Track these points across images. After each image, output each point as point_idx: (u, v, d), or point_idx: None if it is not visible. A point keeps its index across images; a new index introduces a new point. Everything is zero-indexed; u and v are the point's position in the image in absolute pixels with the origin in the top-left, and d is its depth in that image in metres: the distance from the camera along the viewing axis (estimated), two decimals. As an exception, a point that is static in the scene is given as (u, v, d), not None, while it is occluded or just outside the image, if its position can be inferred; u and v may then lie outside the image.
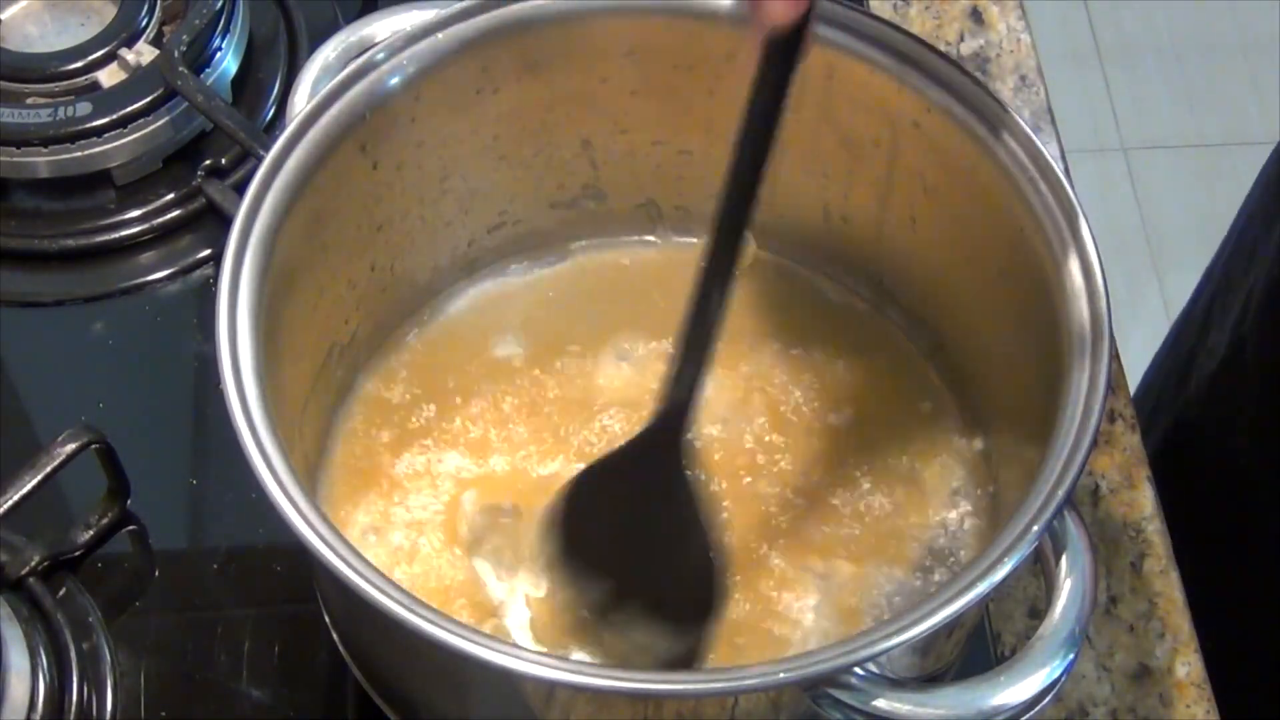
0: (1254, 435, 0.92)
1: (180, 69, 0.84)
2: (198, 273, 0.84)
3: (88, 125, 0.83)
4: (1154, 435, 0.81)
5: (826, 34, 0.70)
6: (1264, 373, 0.91)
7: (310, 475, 0.71)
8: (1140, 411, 0.82)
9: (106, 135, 0.84)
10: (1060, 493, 0.59)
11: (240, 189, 0.69)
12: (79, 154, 0.84)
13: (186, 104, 0.84)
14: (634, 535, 0.67)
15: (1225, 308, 0.96)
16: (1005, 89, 0.91)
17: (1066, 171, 0.69)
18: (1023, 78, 0.92)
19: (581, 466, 0.72)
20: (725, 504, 0.72)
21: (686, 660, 0.65)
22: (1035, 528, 0.59)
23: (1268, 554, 0.92)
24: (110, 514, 0.75)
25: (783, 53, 0.60)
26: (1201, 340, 0.98)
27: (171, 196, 0.86)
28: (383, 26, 0.71)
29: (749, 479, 0.73)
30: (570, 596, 0.67)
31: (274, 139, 0.67)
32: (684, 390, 0.64)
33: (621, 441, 0.73)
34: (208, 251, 0.85)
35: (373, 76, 0.69)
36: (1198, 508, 0.85)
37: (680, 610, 0.66)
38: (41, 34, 0.88)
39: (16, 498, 0.71)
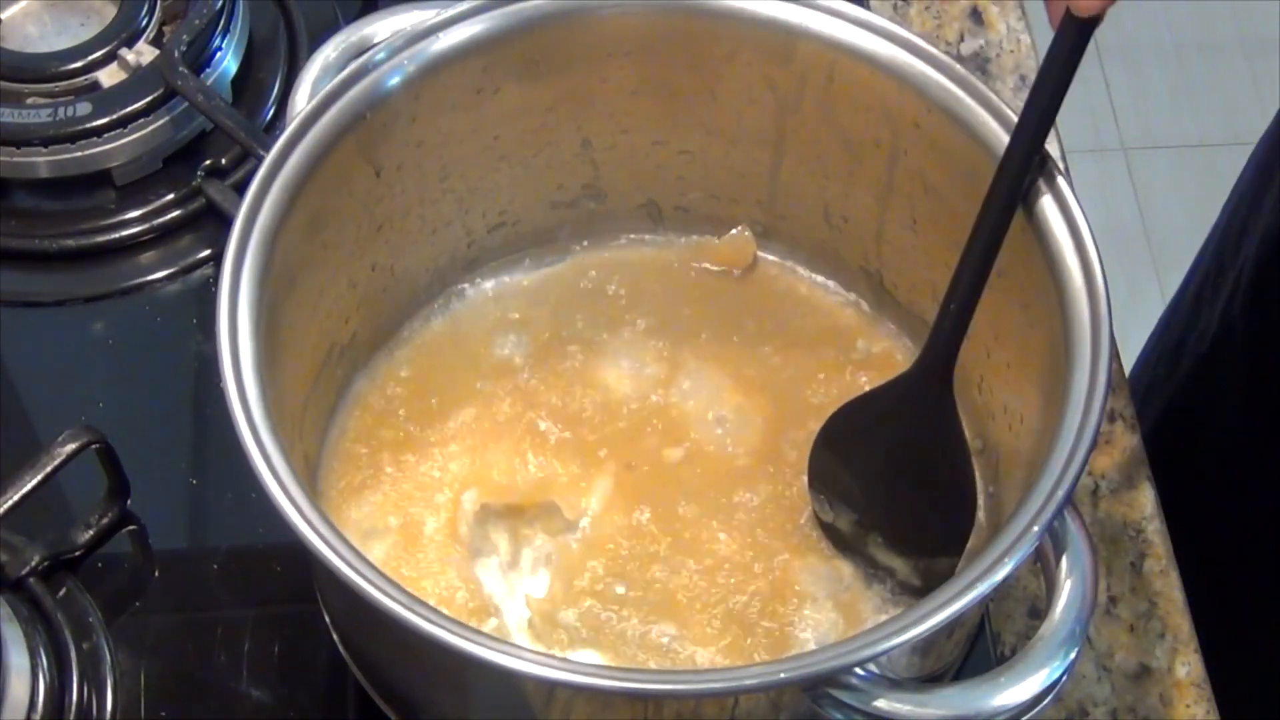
0: (1244, 417, 0.93)
1: (180, 69, 0.84)
2: (198, 273, 0.84)
3: (88, 125, 0.83)
4: (1146, 419, 0.81)
5: (827, 34, 0.70)
6: (1253, 354, 0.92)
7: (310, 474, 0.71)
8: (1132, 396, 0.82)
9: (106, 135, 0.84)
10: (1060, 493, 0.59)
11: (240, 189, 0.69)
12: (79, 154, 0.84)
13: (186, 104, 0.84)
14: (900, 462, 0.70)
15: (1215, 290, 0.96)
16: (1005, 89, 0.91)
17: (1066, 171, 0.69)
18: (1023, 78, 0.92)
19: (575, 470, 0.73)
20: (725, 504, 0.72)
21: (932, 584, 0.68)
22: (1035, 528, 0.59)
23: (1262, 536, 0.92)
24: (110, 514, 0.75)
25: (1079, 33, 0.62)
26: (1192, 324, 0.99)
27: (171, 196, 0.85)
28: (383, 26, 0.71)
29: (749, 479, 0.73)
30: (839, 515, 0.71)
31: (274, 139, 0.67)
32: (956, 322, 0.66)
33: (620, 441, 0.74)
34: (208, 251, 0.85)
35: (373, 76, 0.69)
36: (1191, 490, 0.85)
37: (935, 538, 0.69)
38: (41, 34, 0.88)
39: (16, 498, 0.71)
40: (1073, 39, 0.62)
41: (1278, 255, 0.90)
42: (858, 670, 0.57)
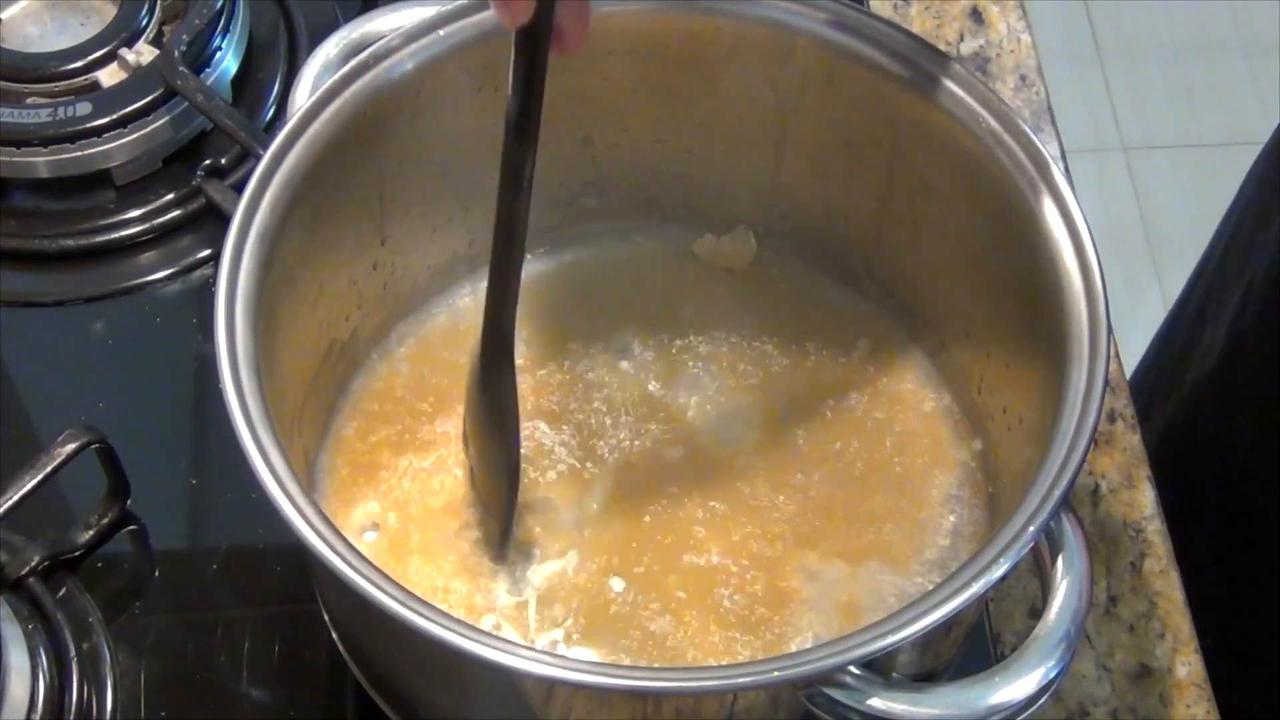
0: (1256, 432, 0.92)
1: (180, 69, 0.84)
2: (198, 273, 0.84)
3: (88, 125, 0.83)
4: (1148, 437, 0.81)
5: (827, 33, 0.70)
6: (1266, 367, 0.91)
7: (309, 471, 0.71)
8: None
9: (106, 135, 0.84)
10: (1057, 493, 0.59)
11: (240, 188, 0.69)
12: (79, 154, 0.84)
13: (186, 104, 0.84)
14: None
15: (1221, 304, 0.95)
16: (1005, 89, 0.91)
17: (1066, 171, 0.69)
18: (1023, 78, 0.92)
19: (574, 467, 0.73)
20: (724, 504, 0.72)
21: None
22: (1031, 528, 0.59)
23: (1269, 554, 0.92)
24: (110, 514, 0.75)
25: (528, 47, 0.61)
26: (1195, 338, 0.98)
27: (171, 196, 0.86)
28: (384, 23, 0.71)
29: (748, 478, 0.73)
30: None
31: (274, 138, 0.67)
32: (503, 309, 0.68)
33: (619, 439, 0.74)
34: (208, 251, 0.85)
35: (374, 73, 0.69)
36: (1196, 507, 0.85)
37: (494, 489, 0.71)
38: (41, 34, 0.88)
39: (16, 498, 0.71)
40: (524, 50, 0.61)
41: None
42: (851, 669, 0.57)
